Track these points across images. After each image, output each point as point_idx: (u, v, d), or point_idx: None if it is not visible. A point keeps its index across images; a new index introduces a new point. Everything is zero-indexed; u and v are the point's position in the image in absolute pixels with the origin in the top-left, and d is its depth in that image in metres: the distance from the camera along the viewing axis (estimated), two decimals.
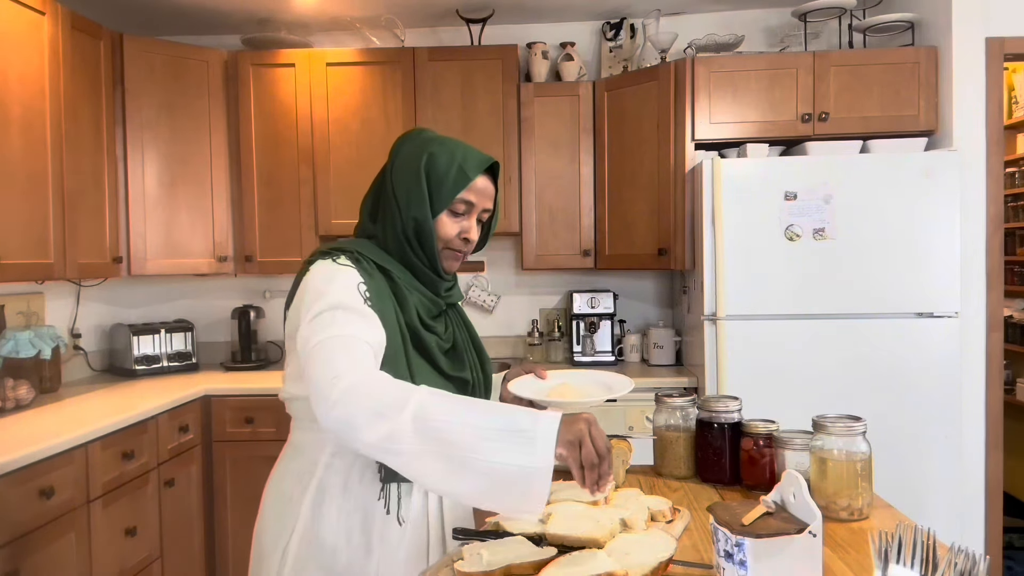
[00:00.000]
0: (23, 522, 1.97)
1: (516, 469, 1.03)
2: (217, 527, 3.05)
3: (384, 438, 1.07)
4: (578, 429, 1.06)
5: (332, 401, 1.10)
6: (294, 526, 1.30)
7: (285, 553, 1.30)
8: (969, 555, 0.88)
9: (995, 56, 2.82)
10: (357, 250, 1.32)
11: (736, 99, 2.98)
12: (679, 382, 3.01)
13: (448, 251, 1.37)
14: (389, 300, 1.30)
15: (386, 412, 1.08)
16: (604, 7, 3.44)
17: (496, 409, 1.12)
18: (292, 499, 1.32)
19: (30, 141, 2.50)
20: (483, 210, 1.38)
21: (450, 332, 1.42)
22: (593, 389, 1.45)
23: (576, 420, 1.08)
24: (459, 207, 1.34)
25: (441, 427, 1.06)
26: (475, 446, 1.05)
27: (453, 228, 1.35)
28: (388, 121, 3.32)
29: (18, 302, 2.90)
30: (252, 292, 3.76)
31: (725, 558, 0.96)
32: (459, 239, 1.36)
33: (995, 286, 2.83)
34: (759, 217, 2.73)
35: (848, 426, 1.33)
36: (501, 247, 3.70)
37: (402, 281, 1.34)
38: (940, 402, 2.68)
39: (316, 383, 1.14)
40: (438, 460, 1.06)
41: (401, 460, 1.08)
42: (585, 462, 1.05)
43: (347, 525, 1.30)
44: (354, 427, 1.09)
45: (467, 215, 1.36)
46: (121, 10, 3.35)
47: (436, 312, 1.40)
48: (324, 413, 1.11)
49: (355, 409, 1.09)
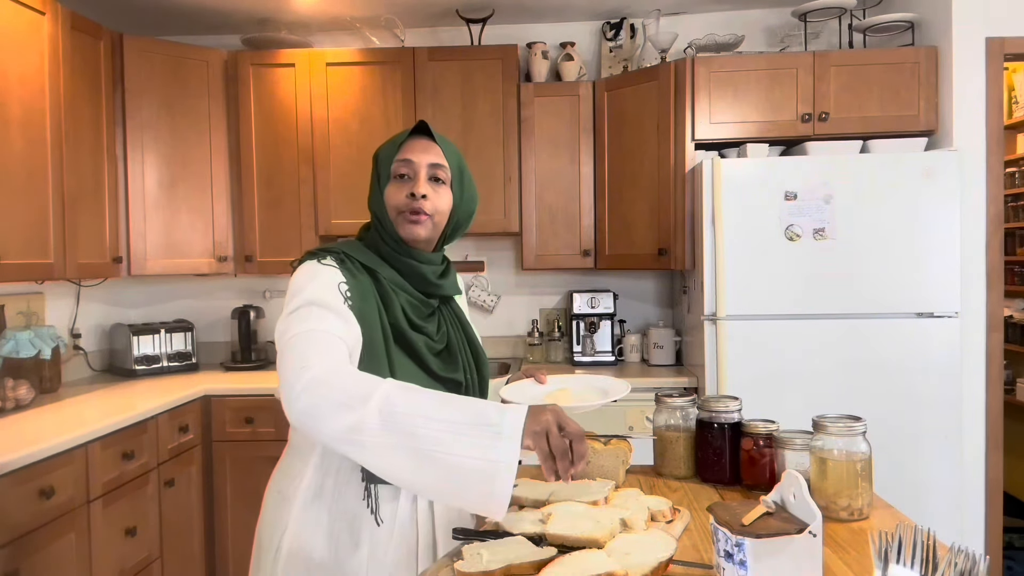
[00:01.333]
0: (23, 522, 1.97)
1: (480, 463, 1.02)
2: (217, 527, 3.05)
3: (348, 429, 1.06)
4: (544, 420, 1.05)
5: (297, 392, 1.10)
6: (286, 524, 1.32)
7: (278, 550, 1.32)
8: (969, 555, 0.88)
9: (995, 56, 2.82)
10: (343, 251, 1.34)
11: (736, 99, 2.98)
12: (679, 382, 3.01)
13: (401, 216, 1.35)
14: (373, 300, 1.30)
15: (351, 403, 1.07)
16: (604, 7, 3.44)
17: (465, 403, 1.10)
18: (286, 498, 1.34)
19: (30, 141, 2.50)
20: (432, 166, 1.36)
21: (443, 332, 1.41)
22: (591, 394, 1.45)
23: (542, 411, 1.07)
24: (400, 170, 1.36)
25: (406, 419, 1.05)
26: (439, 439, 1.03)
27: (400, 193, 1.35)
28: (388, 121, 3.32)
29: (18, 302, 2.90)
30: (252, 292, 3.76)
31: (725, 558, 0.96)
32: (407, 199, 1.35)
33: (995, 286, 2.83)
34: (759, 217, 2.73)
35: (848, 426, 1.33)
36: (501, 247, 3.70)
37: (388, 282, 1.34)
38: (940, 402, 2.68)
39: (283, 375, 1.14)
40: (402, 453, 1.05)
41: (365, 453, 1.07)
42: (555, 451, 1.04)
43: (335, 525, 1.31)
44: (317, 417, 1.08)
45: (411, 177, 1.36)
46: (121, 10, 3.36)
47: (427, 312, 1.39)
48: (289, 404, 1.11)
49: (319, 400, 1.09)
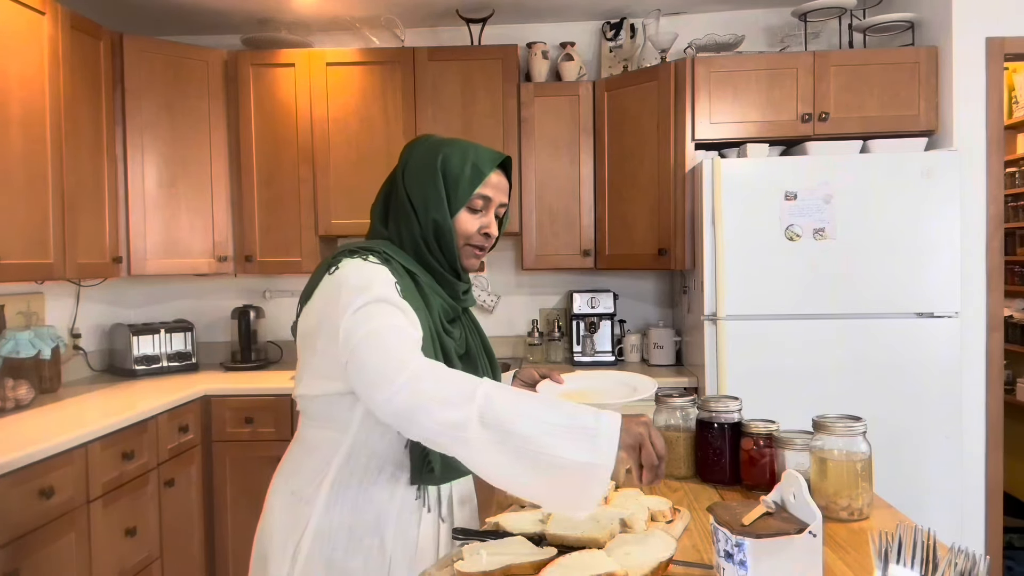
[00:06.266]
0: (23, 522, 1.97)
1: (579, 465, 1.06)
2: (217, 527, 3.05)
3: (451, 426, 1.09)
4: (638, 432, 1.10)
5: (399, 385, 1.11)
6: (306, 525, 1.30)
7: (296, 552, 1.30)
8: (969, 555, 0.88)
9: (995, 56, 2.82)
10: (384, 251, 1.32)
11: (736, 99, 2.98)
12: (679, 382, 3.01)
13: (469, 248, 1.38)
14: (419, 302, 1.30)
15: (454, 400, 1.10)
16: (604, 7, 3.44)
17: (558, 405, 1.13)
18: (304, 498, 1.31)
19: (30, 141, 2.49)
20: (499, 205, 1.40)
21: (463, 337, 1.43)
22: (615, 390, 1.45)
23: (636, 422, 1.11)
24: (477, 203, 1.35)
25: (508, 418, 1.08)
26: (540, 440, 1.07)
27: (473, 224, 1.36)
28: (388, 121, 3.32)
29: (18, 302, 2.90)
30: (252, 292, 3.76)
31: (725, 558, 0.96)
32: (480, 235, 1.37)
33: (995, 286, 2.83)
34: (759, 217, 2.73)
35: (848, 426, 1.33)
36: (501, 247, 3.70)
37: (425, 284, 1.34)
38: (940, 402, 2.67)
39: (376, 369, 1.13)
40: (502, 451, 1.08)
41: (466, 449, 1.10)
42: (645, 463, 1.10)
43: (361, 524, 1.29)
44: (421, 411, 1.10)
45: (485, 211, 1.37)
46: (121, 10, 3.35)
47: (453, 316, 1.41)
48: (387, 397, 1.11)
49: (422, 395, 1.10)
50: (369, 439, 1.30)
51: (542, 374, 1.53)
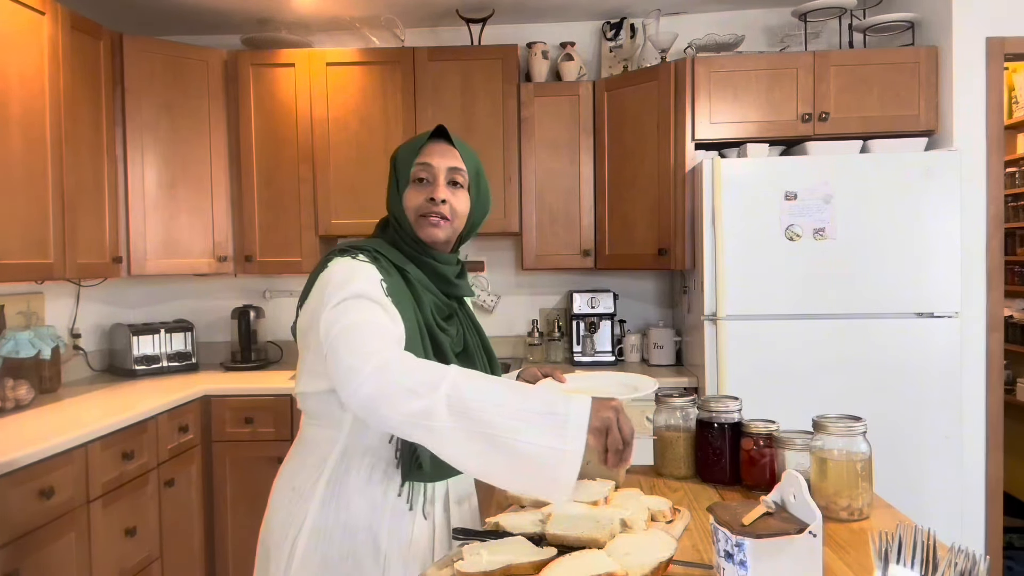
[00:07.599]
0: (23, 522, 1.97)
1: (547, 451, 1.05)
2: (217, 527, 3.05)
3: (417, 414, 1.08)
4: (606, 416, 1.09)
5: (364, 375, 1.11)
6: (303, 521, 1.31)
7: (293, 547, 1.31)
8: (969, 555, 0.88)
9: (995, 56, 2.82)
10: (375, 248, 1.34)
11: (736, 99, 2.98)
12: (679, 382, 3.01)
13: (422, 219, 1.38)
14: (408, 298, 1.31)
15: (420, 389, 1.09)
16: (604, 7, 3.44)
17: (529, 391, 1.13)
18: (302, 494, 1.33)
19: (30, 141, 2.49)
20: (451, 170, 1.39)
21: (460, 334, 1.43)
22: (616, 389, 1.45)
23: (605, 406, 1.10)
24: (419, 174, 1.38)
25: (474, 406, 1.08)
26: (507, 426, 1.06)
27: (418, 196, 1.38)
28: (388, 121, 3.32)
29: (18, 302, 2.90)
30: (252, 292, 3.76)
31: (725, 558, 0.96)
32: (426, 202, 1.37)
33: (995, 286, 2.83)
34: (759, 217, 2.73)
35: (848, 426, 1.33)
36: (501, 247, 3.70)
37: (415, 280, 1.35)
38: (940, 402, 2.67)
39: (345, 361, 1.14)
40: (470, 438, 1.07)
41: (433, 436, 1.09)
42: (610, 447, 1.09)
43: (355, 522, 1.30)
44: (386, 402, 1.10)
45: (431, 181, 1.38)
46: (121, 10, 3.35)
47: (448, 313, 1.42)
48: (354, 388, 1.11)
49: (388, 384, 1.10)
50: (362, 436, 1.31)
51: (545, 373, 1.53)
